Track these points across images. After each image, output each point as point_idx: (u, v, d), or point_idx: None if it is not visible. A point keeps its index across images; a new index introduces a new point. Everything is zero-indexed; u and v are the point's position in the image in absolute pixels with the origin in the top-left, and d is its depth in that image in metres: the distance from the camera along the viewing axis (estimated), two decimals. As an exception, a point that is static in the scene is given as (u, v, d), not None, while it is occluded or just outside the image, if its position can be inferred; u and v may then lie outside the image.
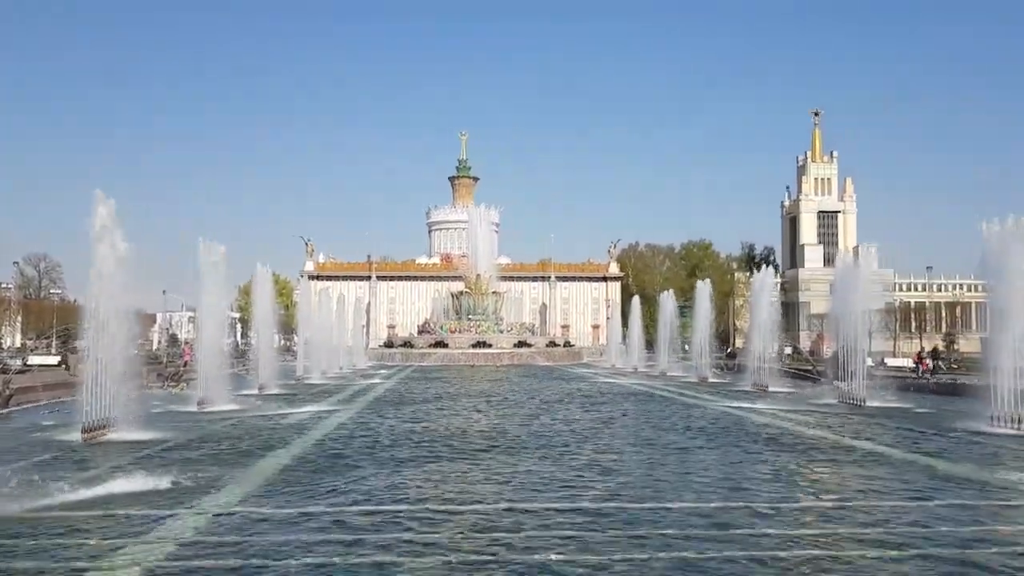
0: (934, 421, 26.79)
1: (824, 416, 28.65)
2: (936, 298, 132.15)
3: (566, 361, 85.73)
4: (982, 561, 10.06)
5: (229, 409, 29.60)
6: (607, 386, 46.78)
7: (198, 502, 13.24)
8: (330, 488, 14.64)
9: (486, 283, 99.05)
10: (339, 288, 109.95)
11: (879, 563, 9.98)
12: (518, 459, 18.34)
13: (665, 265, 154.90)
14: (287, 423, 25.72)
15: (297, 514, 12.48)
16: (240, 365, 46.88)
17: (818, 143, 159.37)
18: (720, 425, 25.78)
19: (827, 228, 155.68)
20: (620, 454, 19.27)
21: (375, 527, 11.72)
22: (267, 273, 46.17)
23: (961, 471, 16.89)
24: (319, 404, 33.04)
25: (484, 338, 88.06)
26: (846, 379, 34.12)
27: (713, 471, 16.78)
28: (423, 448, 20.12)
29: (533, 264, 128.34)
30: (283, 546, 10.63)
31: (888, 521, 12.27)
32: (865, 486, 15.38)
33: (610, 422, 26.67)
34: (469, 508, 13.07)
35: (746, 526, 11.78)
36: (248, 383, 40.10)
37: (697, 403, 34.52)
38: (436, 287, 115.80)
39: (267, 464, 17.44)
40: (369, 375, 59.01)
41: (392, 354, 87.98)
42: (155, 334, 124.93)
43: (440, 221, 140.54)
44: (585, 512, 12.67)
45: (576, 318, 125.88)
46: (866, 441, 21.80)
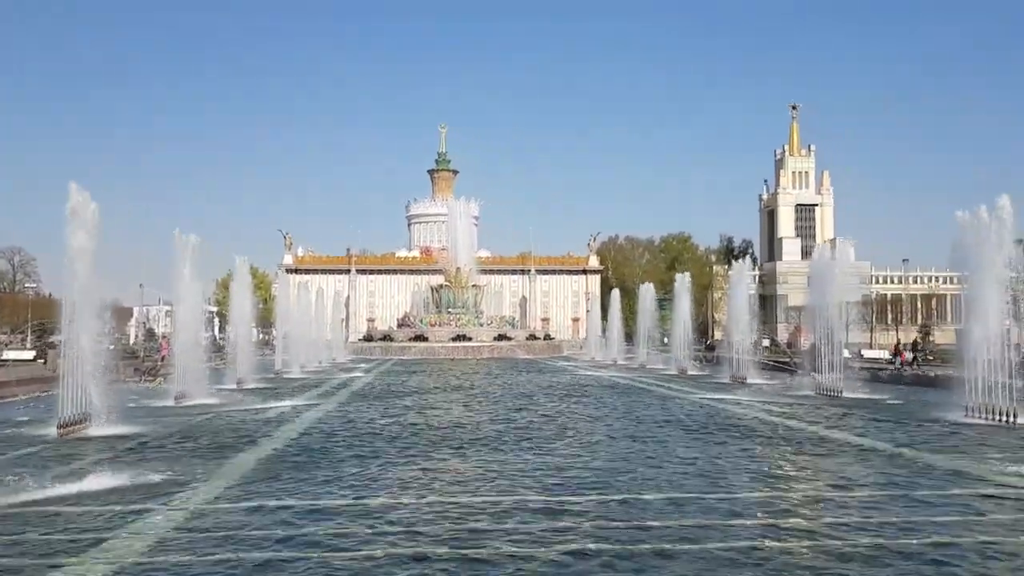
0: (909, 412, 27.09)
1: (801, 407, 28.90)
2: (912, 290, 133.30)
3: (546, 354, 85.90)
4: (953, 552, 10.20)
5: (207, 404, 29.45)
6: (587, 379, 46.93)
7: (176, 497, 13.16)
8: (309, 483, 14.60)
9: (466, 276, 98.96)
10: (318, 282, 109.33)
11: (849, 554, 10.09)
12: (498, 453, 18.38)
13: (645, 258, 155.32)
14: (266, 418, 25.61)
15: (276, 508, 12.44)
16: (218, 359, 46.57)
17: (796, 137, 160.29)
18: (697, 417, 25.94)
19: (805, 221, 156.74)
20: (597, 447, 19.33)
21: (354, 521, 11.71)
22: (245, 266, 45.93)
23: (935, 461, 17.09)
24: (298, 398, 32.92)
25: (464, 331, 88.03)
26: (823, 371, 34.46)
27: (688, 463, 16.89)
28: (403, 442, 20.10)
29: (513, 257, 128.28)
30: (262, 541, 10.60)
31: (859, 511, 12.41)
32: (838, 476, 15.54)
33: (589, 415, 26.77)
34: (446, 500, 13.09)
35: (718, 517, 11.87)
36: (226, 377, 39.88)
37: (675, 395, 34.72)
38: (416, 280, 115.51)
39: (245, 459, 17.37)
40: (349, 369, 58.82)
41: (372, 348, 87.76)
42: (132, 328, 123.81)
43: (420, 214, 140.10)
44: (556, 504, 12.72)
45: (556, 311, 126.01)
46: (841, 432, 22.01)
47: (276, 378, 46.70)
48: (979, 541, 10.59)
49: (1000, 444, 19.53)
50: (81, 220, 21.43)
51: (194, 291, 32.74)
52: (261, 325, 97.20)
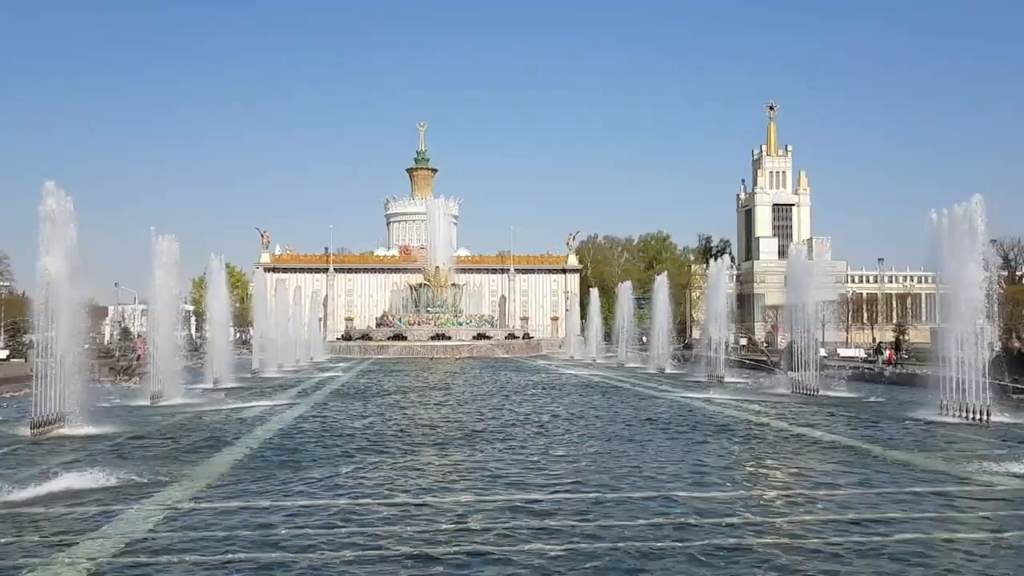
0: (884, 410, 27.34)
1: (776, 406, 29.09)
2: (887, 289, 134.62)
3: (525, 353, 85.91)
4: (918, 550, 10.30)
5: (183, 403, 29.22)
6: (566, 378, 46.99)
7: (150, 498, 13.03)
8: (286, 483, 14.51)
9: (445, 275, 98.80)
10: (295, 280, 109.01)
11: (822, 550, 10.16)
12: (476, 451, 18.36)
13: (623, 257, 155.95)
14: (242, 417, 25.42)
15: (251, 510, 12.35)
16: (195, 359, 46.20)
17: (773, 137, 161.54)
18: (674, 415, 26.04)
19: (781, 220, 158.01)
20: (574, 445, 19.37)
21: (331, 523, 11.65)
22: (221, 264, 45.58)
23: (907, 459, 17.26)
24: (275, 398, 32.72)
25: (443, 330, 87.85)
26: (799, 369, 34.69)
27: (662, 461, 16.96)
28: (380, 442, 20.03)
29: (492, 256, 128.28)
30: (237, 542, 10.52)
31: (829, 508, 12.54)
32: (809, 474, 15.68)
33: (567, 414, 26.80)
34: (424, 501, 13.07)
35: (695, 514, 11.92)
36: (203, 377, 39.57)
37: (653, 394, 34.84)
38: (395, 279, 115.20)
39: (221, 459, 17.23)
40: (326, 368, 58.57)
41: (350, 347, 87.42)
42: (107, 327, 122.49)
43: (398, 213, 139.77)
44: (535, 503, 12.73)
45: (535, 310, 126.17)
46: (815, 430, 22.15)
47: (253, 378, 46.40)
48: (944, 539, 10.69)
49: (972, 443, 19.73)
50: (56, 218, 21.18)
51: (170, 290, 32.46)
52: (238, 324, 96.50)
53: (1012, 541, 10.64)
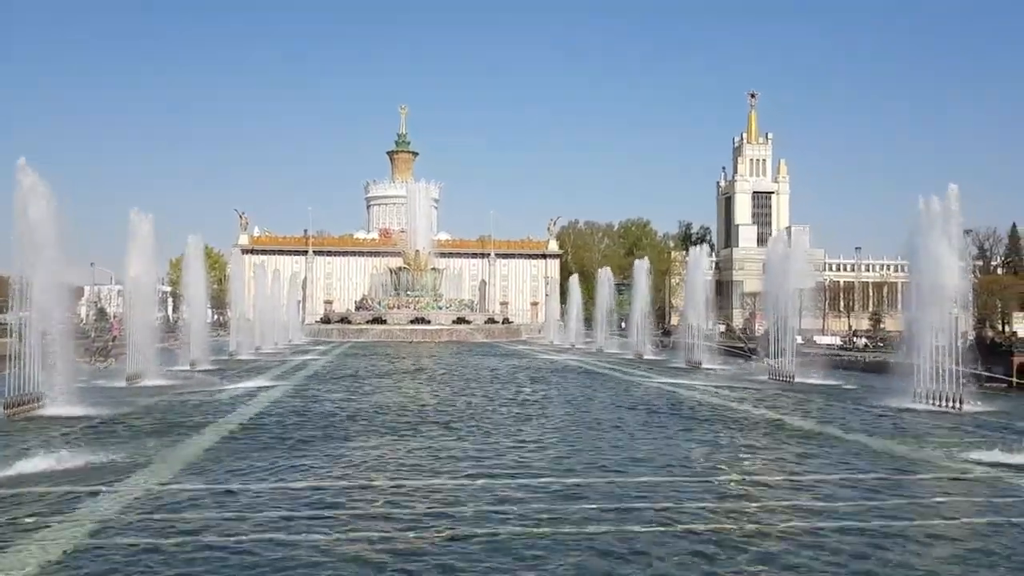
0: (859, 397, 27.61)
1: (753, 392, 29.31)
2: (864, 278, 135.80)
3: (505, 338, 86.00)
4: (894, 534, 10.43)
5: (159, 385, 29.06)
6: (545, 363, 47.09)
7: (125, 479, 12.96)
8: (261, 466, 14.46)
9: (425, 259, 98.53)
10: (274, 263, 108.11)
11: (794, 537, 10.27)
12: (451, 435, 18.38)
13: (604, 243, 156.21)
14: (219, 399, 25.32)
15: (226, 492, 12.31)
16: (171, 340, 45.86)
17: (754, 125, 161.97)
18: (651, 401, 26.18)
19: (761, 208, 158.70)
20: (550, 431, 19.42)
21: (306, 504, 11.64)
22: (199, 245, 45.17)
23: (882, 446, 17.46)
24: (252, 380, 32.59)
25: (423, 314, 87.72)
26: (777, 356, 34.96)
27: (638, 446, 17.05)
28: (356, 425, 20.02)
29: (473, 241, 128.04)
30: (211, 524, 10.48)
31: (805, 493, 12.68)
32: (782, 460, 15.84)
33: (545, 399, 26.87)
34: (401, 483, 13.08)
35: (668, 500, 12.01)
36: (179, 358, 39.34)
37: (631, 379, 34.99)
38: (374, 263, 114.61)
39: (197, 441, 17.16)
40: (305, 351, 58.38)
41: (329, 330, 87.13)
42: (83, 307, 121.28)
43: (379, 196, 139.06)
44: (508, 487, 12.77)
45: (515, 295, 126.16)
46: (792, 417, 22.35)
47: (230, 360, 46.19)
48: (915, 524, 10.84)
49: (944, 430, 19.99)
50: (31, 197, 20.92)
51: (147, 270, 32.20)
52: (216, 306, 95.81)
53: (976, 527, 10.83)
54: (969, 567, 9.18)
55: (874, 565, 9.10)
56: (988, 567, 9.17)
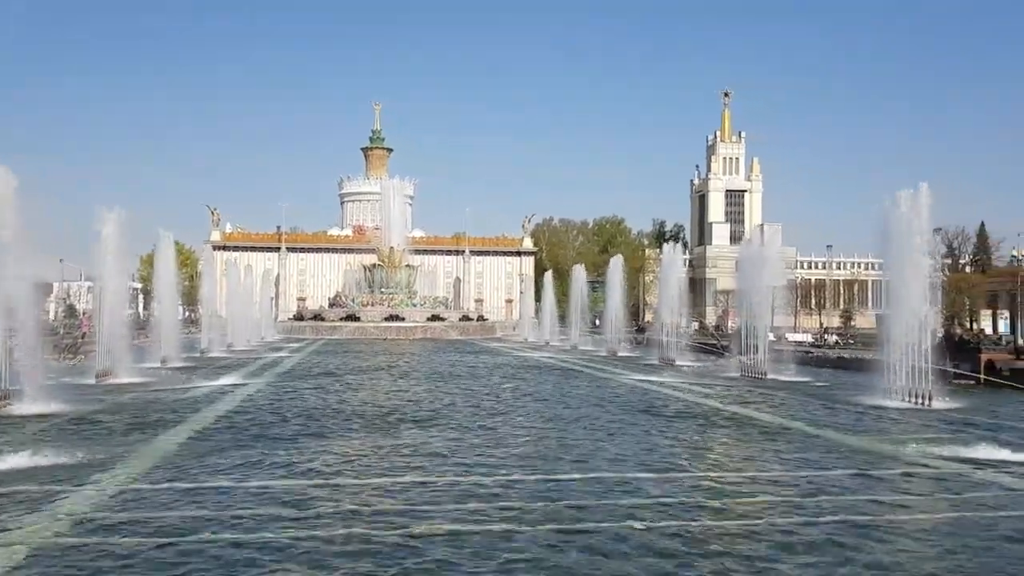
0: (830, 394, 27.87)
1: (725, 389, 29.50)
2: (835, 276, 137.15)
3: (479, 335, 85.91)
4: (862, 528, 10.52)
5: (130, 382, 28.75)
6: (519, 360, 47.11)
7: (95, 478, 12.80)
8: (232, 463, 14.34)
9: (399, 256, 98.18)
10: (246, 259, 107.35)
11: (764, 530, 10.33)
12: (425, 433, 18.33)
13: (578, 240, 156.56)
14: (189, 397, 25.08)
15: (196, 490, 12.18)
16: (142, 337, 45.35)
17: (727, 123, 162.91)
18: (624, 398, 26.26)
19: (734, 206, 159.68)
20: (523, 428, 19.42)
21: (279, 503, 11.54)
22: (169, 241, 44.72)
23: (853, 442, 17.63)
24: (223, 378, 32.30)
25: (397, 311, 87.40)
26: (749, 353, 35.20)
27: (609, 443, 17.11)
28: (328, 422, 19.91)
29: (447, 238, 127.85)
30: (183, 522, 10.36)
31: (773, 488, 12.78)
32: (753, 456, 15.96)
33: (518, 396, 26.88)
34: (374, 482, 13.01)
35: (637, 496, 12.04)
36: (150, 355, 38.91)
37: (605, 376, 35.09)
38: (348, 259, 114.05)
39: (168, 439, 16.97)
40: (278, 348, 58.00)
41: (302, 327, 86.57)
42: (52, 304, 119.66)
43: (353, 192, 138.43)
44: (479, 485, 12.75)
45: (490, 292, 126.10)
46: (763, 413, 22.52)
47: (202, 357, 45.78)
48: (883, 519, 10.95)
49: (914, 426, 20.23)
50: None
51: (117, 267, 31.82)
52: (187, 303, 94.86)
53: (943, 522, 10.96)
54: (936, 561, 9.27)
55: (842, 560, 9.16)
56: (954, 561, 9.26)
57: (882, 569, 8.92)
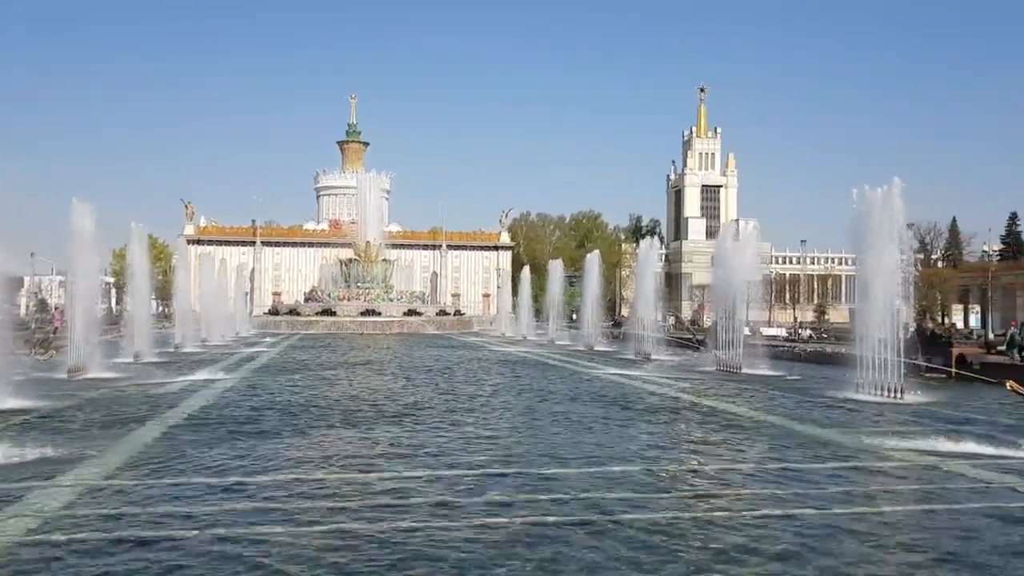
0: (803, 388, 28.14)
1: (701, 383, 29.69)
2: (809, 271, 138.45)
3: (456, 330, 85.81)
4: (831, 521, 10.64)
5: (102, 377, 28.46)
6: (496, 354, 47.12)
7: (67, 474, 12.65)
8: (208, 459, 14.25)
9: (376, 250, 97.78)
10: (221, 253, 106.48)
11: (734, 523, 10.42)
12: (402, 428, 18.30)
13: (555, 235, 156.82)
14: (162, 392, 24.86)
15: (172, 485, 12.09)
16: (115, 332, 44.90)
17: (703, 119, 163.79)
18: (600, 392, 26.36)
19: (710, 201, 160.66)
20: (498, 422, 19.45)
21: (251, 498, 11.48)
22: (142, 234, 44.28)
23: (824, 435, 17.80)
24: (198, 373, 32.02)
25: (373, 306, 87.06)
26: (724, 347, 35.43)
27: (585, 437, 17.17)
28: (305, 418, 19.80)
29: (424, 232, 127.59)
30: (157, 519, 10.28)
31: (745, 481, 12.91)
32: (725, 449, 16.08)
33: (494, 390, 26.89)
34: (354, 476, 12.98)
35: (609, 490, 12.10)
36: (123, 351, 38.53)
37: (581, 371, 35.19)
38: (324, 254, 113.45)
39: (141, 435, 16.81)
40: (253, 343, 57.62)
41: (278, 322, 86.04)
42: (23, 299, 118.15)
43: (328, 186, 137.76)
44: (448, 479, 12.76)
45: (467, 287, 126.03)
46: (737, 407, 22.69)
47: (176, 352, 45.40)
48: (852, 512, 11.05)
49: (885, 419, 20.47)
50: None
51: (90, 260, 31.47)
52: (160, 297, 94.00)
53: (911, 514, 11.12)
54: (905, 553, 9.40)
55: (812, 552, 9.24)
56: (924, 553, 9.38)
57: (852, 560, 9.01)
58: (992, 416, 21.56)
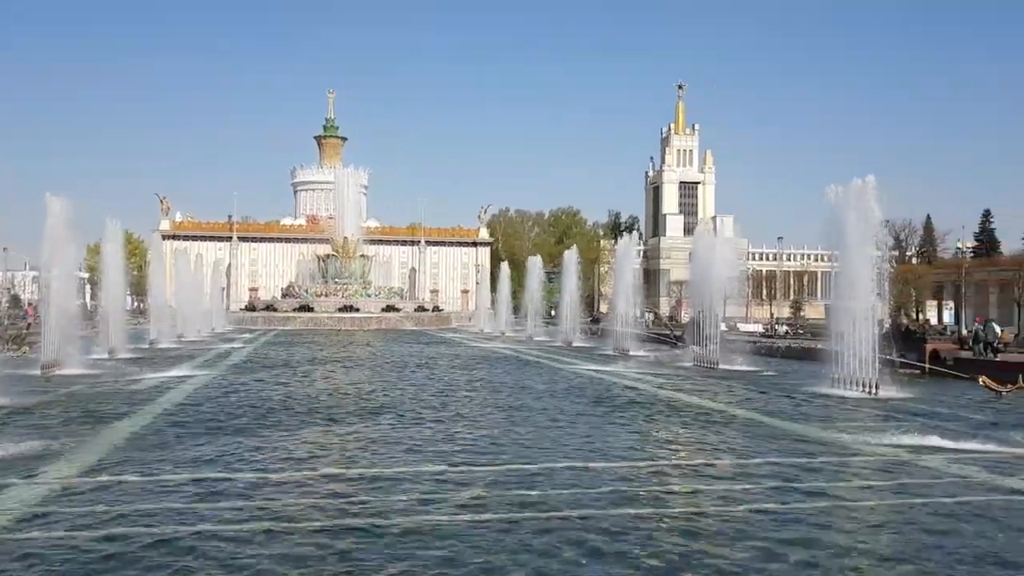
0: (779, 383, 28.35)
1: (678, 379, 29.84)
2: (786, 267, 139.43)
3: (435, 326, 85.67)
4: (811, 514, 10.74)
5: (76, 374, 28.18)
6: (474, 351, 47.09)
7: (39, 472, 12.52)
8: (184, 455, 14.15)
9: (354, 246, 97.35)
10: (197, 248, 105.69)
11: (709, 517, 10.49)
12: (379, 424, 18.27)
13: (534, 231, 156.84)
14: (139, 388, 24.66)
15: (145, 483, 11.99)
16: (89, 328, 44.45)
17: (681, 116, 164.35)
18: (578, 388, 26.41)
19: (688, 198, 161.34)
20: (475, 418, 19.43)
21: (226, 496, 11.42)
22: (117, 229, 43.87)
23: (799, 430, 17.96)
24: (174, 369, 31.80)
25: (351, 302, 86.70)
26: (702, 343, 35.62)
27: (561, 433, 17.21)
28: (283, 414, 19.69)
29: (403, 228, 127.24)
30: (133, 516, 10.19)
31: (722, 475, 13.02)
32: (701, 444, 16.17)
33: (471, 386, 26.88)
34: (328, 472, 12.94)
35: (584, 485, 12.14)
36: (98, 347, 38.15)
37: (560, 367, 35.24)
38: (301, 249, 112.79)
39: (115, 432, 16.66)
40: (229, 339, 57.24)
41: (254, 318, 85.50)
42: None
43: (306, 181, 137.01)
44: (436, 474, 12.76)
45: (446, 283, 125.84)
46: (714, 402, 22.82)
47: (151, 348, 45.06)
48: (825, 505, 11.17)
49: (860, 414, 20.67)
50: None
51: (65, 255, 31.13)
52: (136, 293, 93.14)
53: (884, 506, 11.25)
54: (877, 545, 9.51)
55: (785, 545, 9.31)
56: (896, 547, 9.49)
57: (825, 554, 9.10)
58: (965, 411, 21.84)
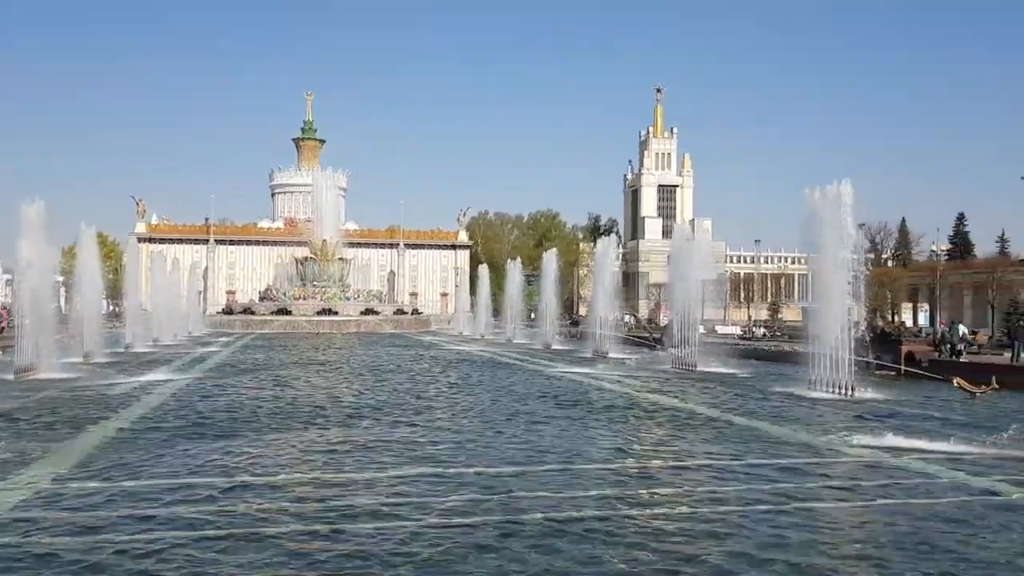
0: (757, 385, 28.52)
1: (656, 381, 29.97)
2: (763, 270, 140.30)
3: (414, 329, 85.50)
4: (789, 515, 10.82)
5: (51, 378, 27.87)
6: (453, 353, 47.06)
7: (12, 477, 12.39)
8: (161, 460, 14.05)
9: (332, 249, 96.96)
10: (173, 251, 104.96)
11: (688, 519, 10.55)
12: (358, 428, 18.24)
13: (513, 234, 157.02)
14: (112, 393, 24.42)
15: (124, 488, 11.89)
16: (64, 331, 43.98)
17: (660, 119, 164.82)
18: (556, 390, 26.47)
19: (666, 201, 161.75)
20: (454, 421, 19.41)
21: (210, 500, 11.34)
22: (92, 232, 43.52)
23: (775, 431, 18.09)
24: (150, 373, 31.52)
25: (330, 305, 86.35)
26: (680, 346, 35.79)
27: (539, 436, 17.23)
28: (262, 418, 19.60)
29: (381, 231, 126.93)
30: (108, 522, 10.11)
31: (695, 476, 13.09)
32: (683, 448, 16.22)
33: (450, 390, 26.86)
34: (303, 477, 12.89)
35: (562, 488, 12.16)
36: (73, 351, 37.74)
37: (538, 369, 35.29)
38: (279, 252, 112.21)
39: (90, 437, 16.50)
40: (206, 343, 56.83)
41: (232, 321, 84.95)
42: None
43: (284, 184, 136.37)
44: (415, 477, 12.74)
45: (425, 286, 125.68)
46: (692, 404, 22.94)
47: (126, 352, 44.63)
48: (806, 505, 11.27)
49: (836, 415, 20.84)
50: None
51: (41, 258, 30.80)
52: (112, 296, 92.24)
53: (860, 506, 11.35)
54: (855, 545, 9.60)
55: (763, 546, 9.38)
56: (873, 546, 9.58)
57: (801, 554, 9.17)
58: (940, 412, 22.06)
